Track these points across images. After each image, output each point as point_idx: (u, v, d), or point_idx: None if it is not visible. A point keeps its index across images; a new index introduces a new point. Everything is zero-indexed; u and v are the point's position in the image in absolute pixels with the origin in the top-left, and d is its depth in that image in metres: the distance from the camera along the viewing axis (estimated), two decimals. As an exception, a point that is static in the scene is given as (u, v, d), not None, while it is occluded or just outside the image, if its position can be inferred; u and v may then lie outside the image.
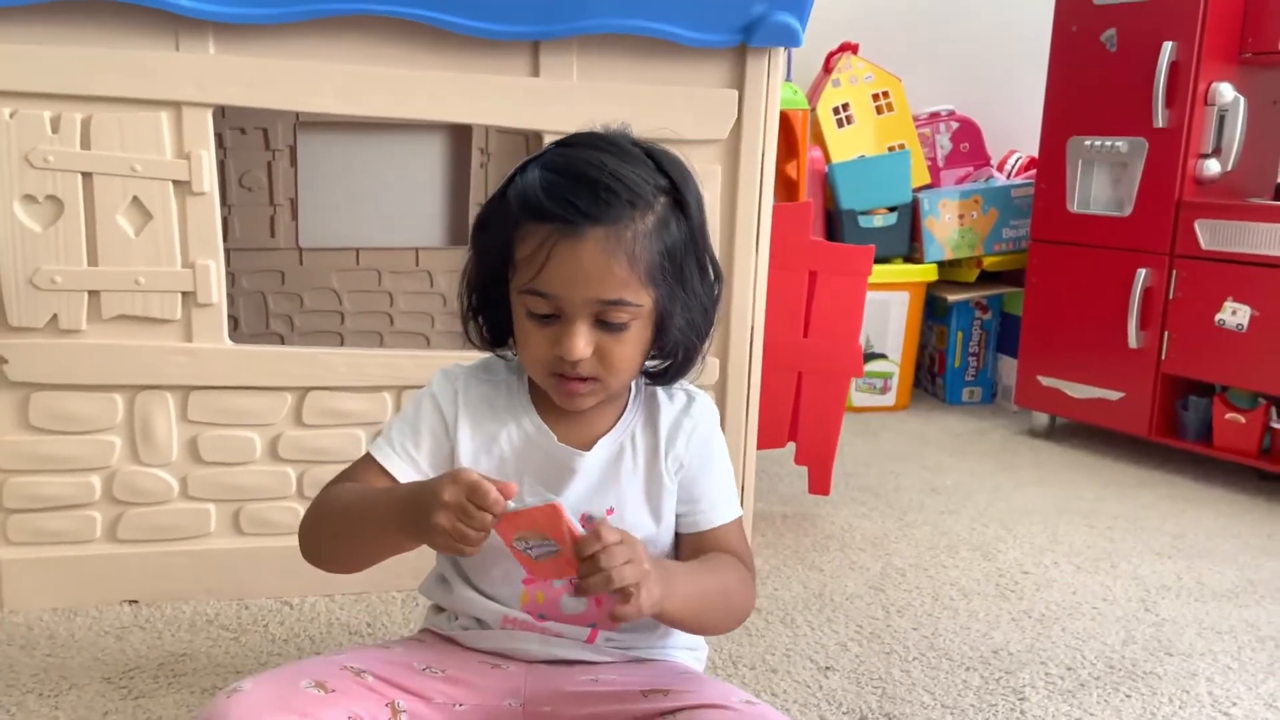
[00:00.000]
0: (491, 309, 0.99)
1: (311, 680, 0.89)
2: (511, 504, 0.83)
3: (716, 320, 0.99)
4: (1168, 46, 2.25)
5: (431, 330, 2.46)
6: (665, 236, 0.92)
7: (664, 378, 1.01)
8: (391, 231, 2.50)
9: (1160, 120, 2.28)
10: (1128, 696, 1.34)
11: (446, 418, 1.00)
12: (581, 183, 0.89)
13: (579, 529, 0.83)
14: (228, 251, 2.31)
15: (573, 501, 0.98)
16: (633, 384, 1.03)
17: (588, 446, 0.99)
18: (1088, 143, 2.43)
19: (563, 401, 0.96)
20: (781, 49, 1.52)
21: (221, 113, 2.29)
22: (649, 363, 0.99)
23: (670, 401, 1.03)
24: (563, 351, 0.90)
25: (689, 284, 0.95)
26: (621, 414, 1.01)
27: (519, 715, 0.96)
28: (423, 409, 1.01)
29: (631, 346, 0.93)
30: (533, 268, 0.89)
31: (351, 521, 0.94)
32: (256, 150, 2.42)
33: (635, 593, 0.83)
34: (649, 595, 0.84)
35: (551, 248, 0.88)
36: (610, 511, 0.99)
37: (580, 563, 0.83)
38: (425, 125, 2.42)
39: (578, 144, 0.94)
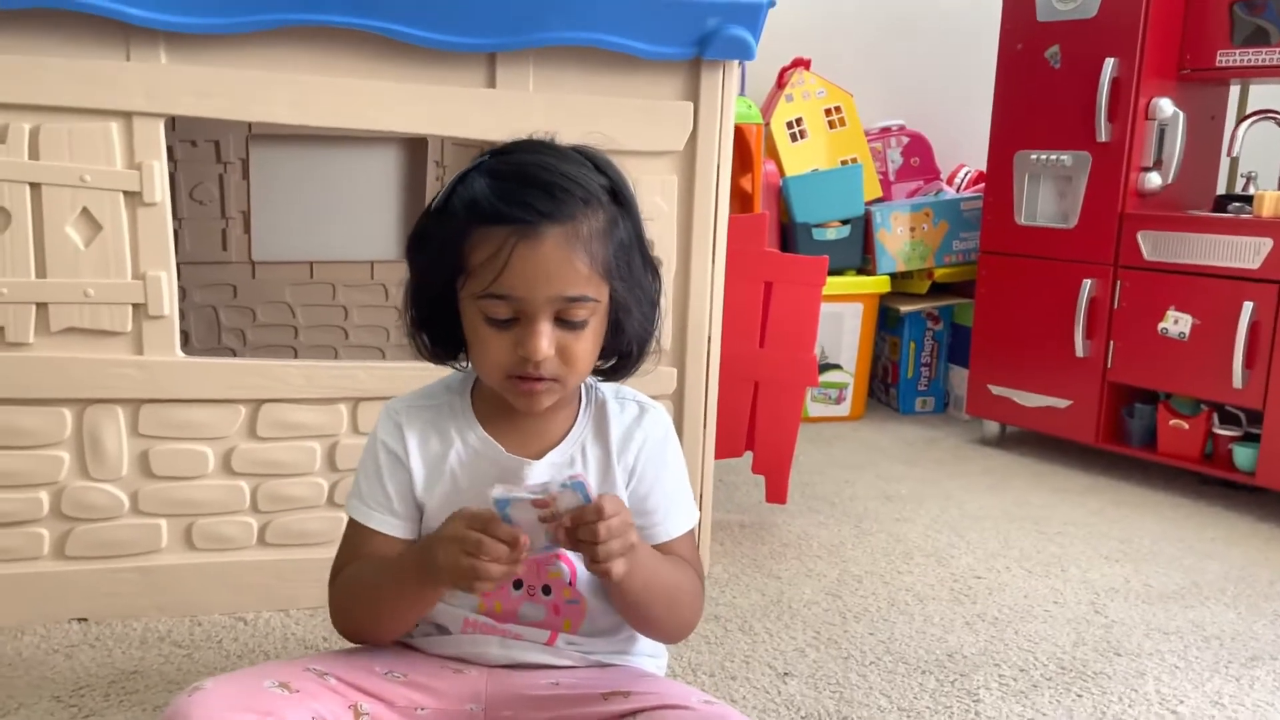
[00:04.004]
0: (438, 321, 0.98)
1: (275, 680, 0.89)
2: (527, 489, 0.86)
3: (661, 319, 1.01)
4: (1109, 63, 2.31)
5: (387, 344, 2.44)
6: (615, 233, 0.93)
7: (617, 374, 1.01)
8: (346, 244, 2.48)
9: (1103, 135, 2.34)
10: (1079, 696, 1.37)
11: (398, 454, 1.00)
12: (534, 184, 0.90)
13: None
14: (178, 265, 2.28)
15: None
16: (583, 394, 1.03)
17: (537, 457, 0.99)
18: (1034, 156, 2.49)
19: (521, 404, 0.95)
20: (735, 62, 1.54)
21: (172, 125, 2.26)
22: (600, 361, 0.99)
23: (621, 412, 1.03)
24: (526, 352, 0.90)
25: (638, 278, 0.96)
26: (572, 425, 1.01)
27: (480, 719, 0.96)
28: (378, 456, 1.01)
29: (590, 342, 0.94)
30: (491, 271, 0.89)
31: (381, 592, 0.96)
32: (208, 163, 2.39)
33: (616, 563, 0.86)
34: (624, 566, 0.88)
35: (511, 249, 0.88)
36: None
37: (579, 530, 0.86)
38: (380, 137, 2.41)
39: (515, 150, 0.95)
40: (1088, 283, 2.40)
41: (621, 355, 0.99)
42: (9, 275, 1.34)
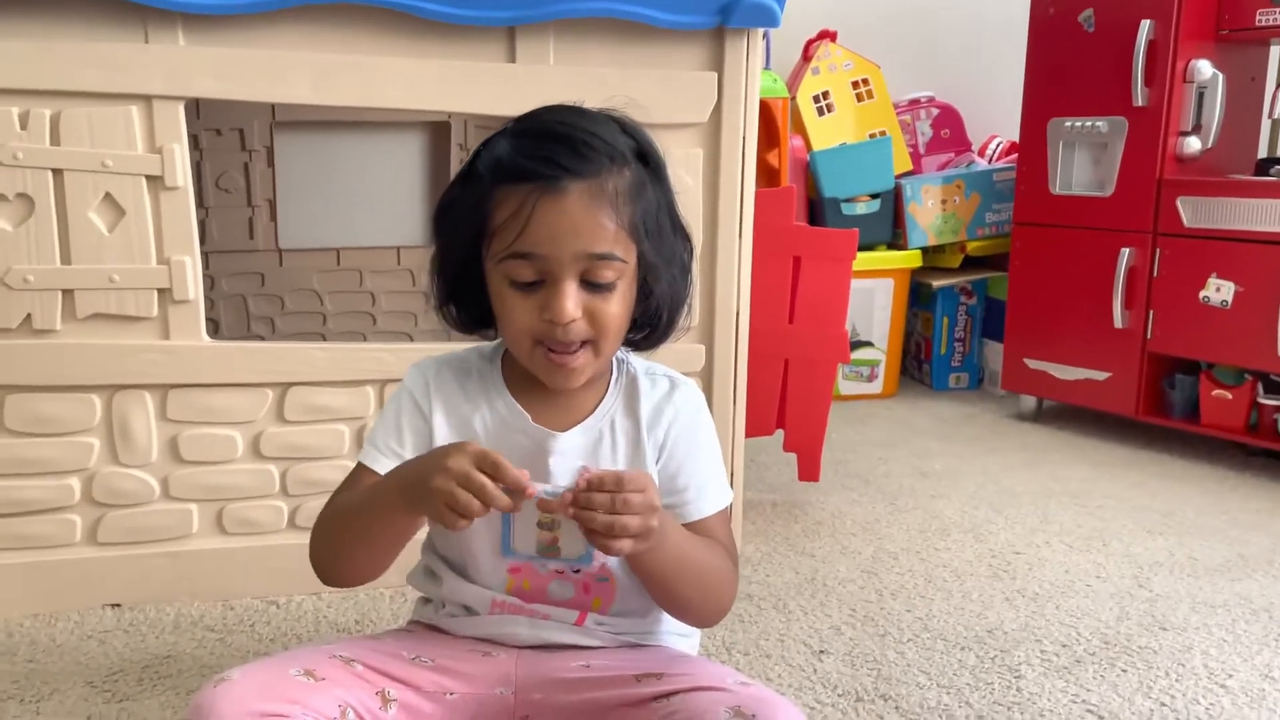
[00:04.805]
0: (465, 294, 0.96)
1: (301, 668, 0.87)
2: (543, 487, 0.83)
3: (692, 285, 0.98)
4: (1145, 25, 2.25)
5: (415, 329, 2.43)
6: (643, 194, 0.91)
7: (649, 343, 0.99)
8: (372, 231, 2.47)
9: (1140, 99, 2.29)
10: (1124, 671, 1.34)
11: (423, 408, 0.98)
12: (558, 140, 0.88)
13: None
14: (206, 254, 2.27)
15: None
16: (614, 368, 1.01)
17: (565, 429, 0.97)
18: (1068, 124, 2.43)
19: (554, 378, 0.92)
20: (760, 30, 1.51)
21: (196, 113, 2.25)
22: (631, 333, 0.97)
23: (653, 388, 1.00)
24: (553, 315, 0.87)
25: (667, 243, 0.93)
26: (601, 399, 0.99)
27: (510, 703, 0.94)
28: (401, 405, 0.99)
29: (619, 306, 0.91)
30: (514, 230, 0.87)
31: (357, 518, 0.92)
32: (233, 151, 2.37)
33: (621, 543, 0.83)
34: (630, 548, 0.84)
35: (534, 205, 0.86)
36: None
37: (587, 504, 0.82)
38: (403, 122, 2.39)
39: (540, 113, 0.93)
40: (1126, 251, 2.34)
41: (652, 323, 0.97)
42: (34, 262, 1.34)
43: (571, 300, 0.87)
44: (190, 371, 1.42)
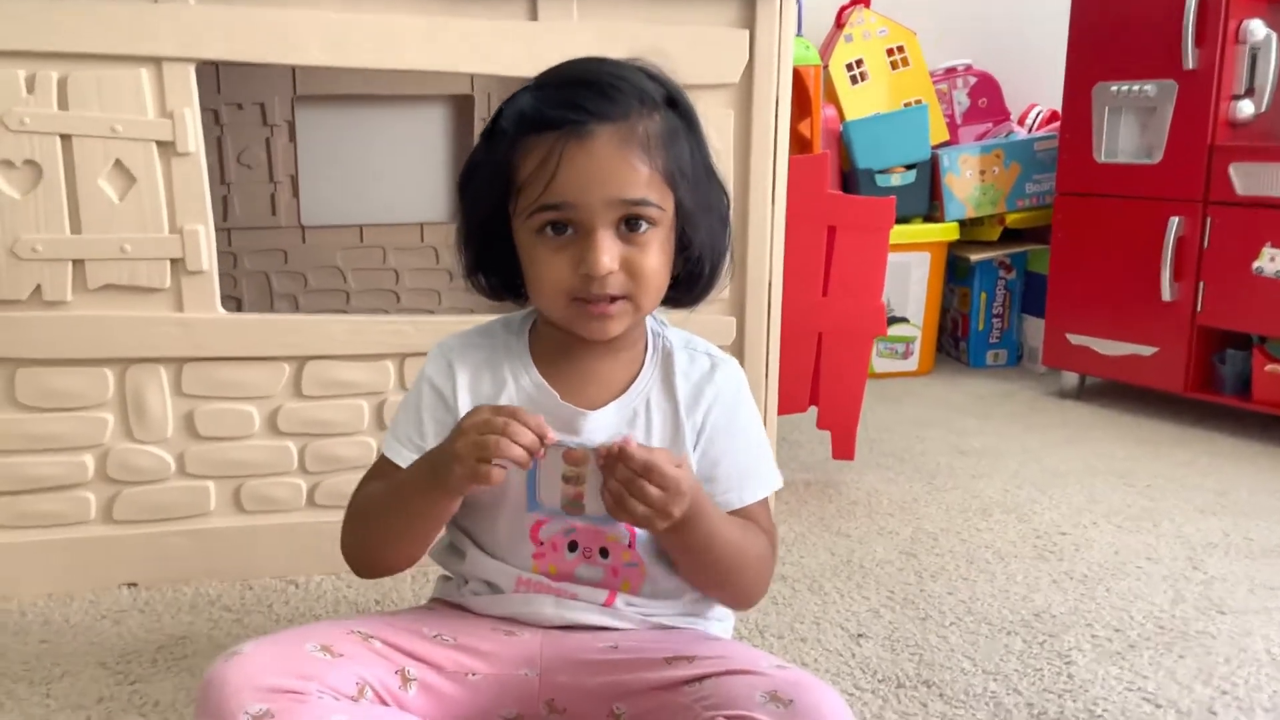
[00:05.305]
0: (494, 260, 0.92)
1: (318, 644, 0.83)
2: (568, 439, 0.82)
3: (731, 237, 0.94)
4: (1196, -17, 2.15)
5: (438, 306, 2.39)
6: (676, 140, 0.86)
7: (690, 298, 0.94)
8: (395, 207, 2.44)
9: (1190, 61, 2.19)
10: (1181, 657, 1.26)
11: (444, 394, 0.94)
12: (583, 85, 0.83)
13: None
14: (228, 231, 2.24)
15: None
16: (649, 341, 0.95)
17: (595, 407, 0.92)
18: (1114, 88, 2.33)
19: (590, 329, 0.87)
20: (793, -15, 1.44)
21: (216, 87, 2.22)
22: (670, 290, 0.92)
23: (691, 365, 0.95)
24: (589, 267, 0.83)
25: (703, 190, 0.88)
26: (636, 375, 0.94)
27: (534, 685, 0.90)
28: (421, 394, 0.95)
29: (658, 256, 0.86)
30: (541, 181, 0.82)
31: (386, 511, 0.90)
32: (254, 126, 2.35)
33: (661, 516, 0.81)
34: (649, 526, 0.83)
35: (561, 153, 0.81)
36: None
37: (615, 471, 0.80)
38: (426, 96, 2.34)
39: (563, 65, 0.89)
40: (1174, 221, 2.24)
41: (694, 274, 0.91)
42: (43, 232, 1.30)
43: (608, 253, 0.82)
44: (205, 345, 1.37)
